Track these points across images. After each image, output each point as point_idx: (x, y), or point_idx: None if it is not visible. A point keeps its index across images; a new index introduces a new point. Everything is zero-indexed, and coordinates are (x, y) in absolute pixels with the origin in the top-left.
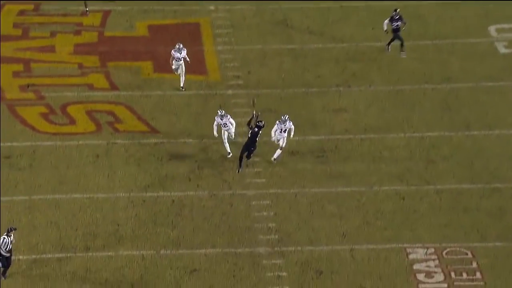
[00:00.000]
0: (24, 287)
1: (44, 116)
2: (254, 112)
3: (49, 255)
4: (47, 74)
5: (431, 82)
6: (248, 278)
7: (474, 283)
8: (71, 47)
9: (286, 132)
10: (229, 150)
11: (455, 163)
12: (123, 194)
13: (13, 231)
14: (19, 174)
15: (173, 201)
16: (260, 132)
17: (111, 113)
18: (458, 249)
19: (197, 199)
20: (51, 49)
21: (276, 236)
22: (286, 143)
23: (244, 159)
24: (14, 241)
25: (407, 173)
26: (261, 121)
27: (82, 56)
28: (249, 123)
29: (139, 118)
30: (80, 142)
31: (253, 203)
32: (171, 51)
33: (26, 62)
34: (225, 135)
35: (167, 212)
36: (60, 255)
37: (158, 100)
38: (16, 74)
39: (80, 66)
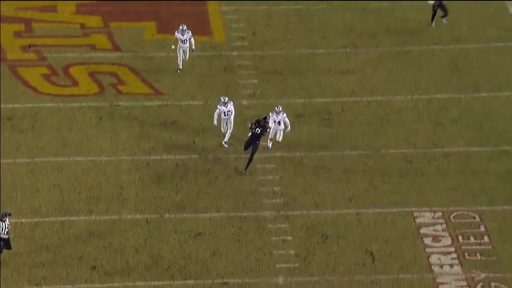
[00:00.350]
0: (26, 250)
1: (46, 77)
2: (249, 123)
3: (52, 218)
4: (49, 35)
5: (439, 43)
6: (253, 242)
7: (482, 247)
8: (73, 7)
9: (282, 124)
10: (226, 140)
11: (463, 126)
12: (127, 157)
13: (8, 216)
14: (21, 136)
15: (177, 164)
16: (263, 133)
17: (114, 74)
18: (466, 212)
19: (201, 162)
20: (53, 8)
21: (282, 200)
22: (283, 137)
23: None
24: (10, 226)
25: (415, 136)
26: (266, 119)
27: (84, 16)
28: (251, 128)
29: (143, 79)
30: (83, 104)
31: (258, 166)
32: (174, 32)
33: (28, 22)
34: (225, 125)
35: (171, 175)
36: (63, 218)
37: (161, 61)
38: (17, 34)
39: (83, 26)
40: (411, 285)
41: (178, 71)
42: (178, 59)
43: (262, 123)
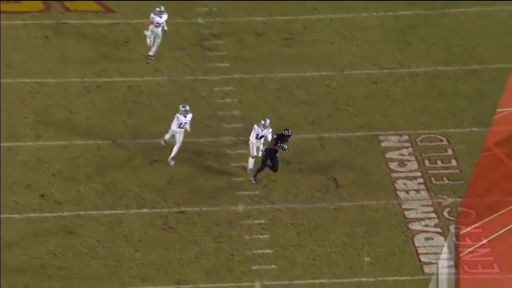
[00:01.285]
0: None
1: None
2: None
3: None
4: None
5: None
6: (211, 168)
7: (449, 171)
8: None
9: (263, 139)
10: (173, 155)
11: (431, 44)
12: (76, 79)
13: None
14: None
15: (130, 86)
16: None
17: None
18: (433, 135)
19: (155, 85)
20: None
21: (241, 125)
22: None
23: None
24: None
25: (380, 56)
26: (289, 131)
27: None
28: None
29: None
30: (27, 22)
31: (216, 89)
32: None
33: None
34: (178, 136)
35: (123, 98)
36: (9, 144)
37: None
38: None
39: None
40: (376, 212)
41: (152, 57)
42: (150, 44)
43: (285, 138)
